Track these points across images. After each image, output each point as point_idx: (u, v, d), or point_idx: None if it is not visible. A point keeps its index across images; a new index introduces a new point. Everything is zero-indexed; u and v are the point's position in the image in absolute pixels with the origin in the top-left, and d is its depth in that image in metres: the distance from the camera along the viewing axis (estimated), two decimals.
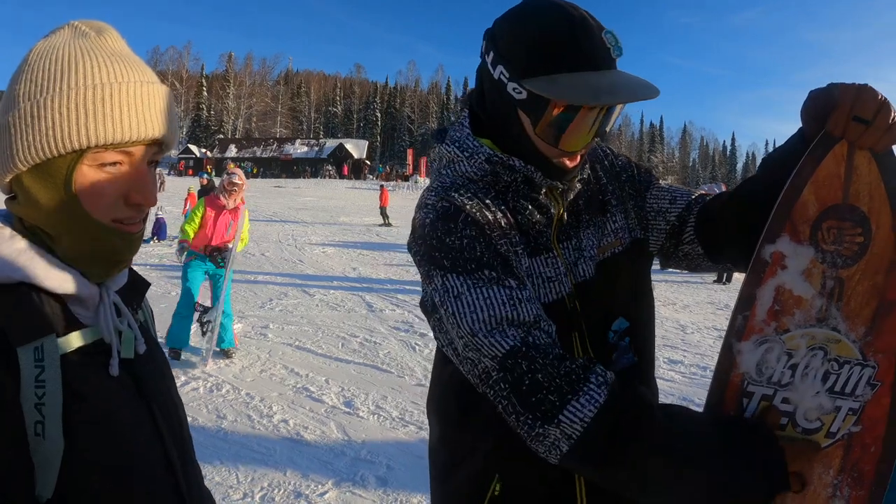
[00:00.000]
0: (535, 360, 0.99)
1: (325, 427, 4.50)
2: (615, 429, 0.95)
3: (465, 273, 1.07)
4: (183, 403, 1.08)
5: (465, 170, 1.20)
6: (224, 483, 3.61)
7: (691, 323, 8.35)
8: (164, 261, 12.41)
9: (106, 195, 0.87)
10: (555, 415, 0.96)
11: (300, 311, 8.34)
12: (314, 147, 75.05)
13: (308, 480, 3.70)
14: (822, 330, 1.00)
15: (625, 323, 1.24)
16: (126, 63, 0.89)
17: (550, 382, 0.98)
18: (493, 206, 1.15)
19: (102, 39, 0.91)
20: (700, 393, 5.44)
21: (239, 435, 4.33)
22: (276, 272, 11.35)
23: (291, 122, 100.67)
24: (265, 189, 35.71)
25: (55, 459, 0.77)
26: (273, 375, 5.59)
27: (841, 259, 1.00)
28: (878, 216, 0.99)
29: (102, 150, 0.85)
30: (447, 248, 1.09)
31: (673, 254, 1.33)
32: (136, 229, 0.92)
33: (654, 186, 1.35)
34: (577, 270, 1.22)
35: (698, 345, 7.25)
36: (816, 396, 1.01)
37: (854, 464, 1.03)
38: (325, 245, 14.95)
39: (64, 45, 0.88)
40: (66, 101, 0.84)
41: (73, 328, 0.86)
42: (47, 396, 0.78)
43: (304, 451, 4.11)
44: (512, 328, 1.03)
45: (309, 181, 52.19)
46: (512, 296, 1.05)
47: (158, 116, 0.90)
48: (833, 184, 0.99)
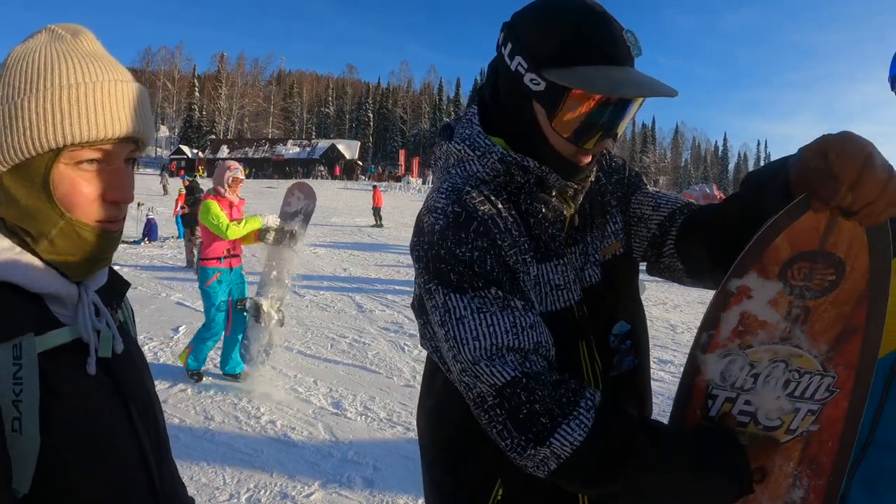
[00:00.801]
0: (535, 391, 0.99)
1: (312, 428, 4.49)
2: (604, 452, 0.97)
3: (471, 290, 1.04)
4: (160, 402, 1.10)
5: (477, 170, 1.15)
6: (210, 484, 3.60)
7: (682, 323, 8.37)
8: (155, 262, 12.37)
9: (84, 194, 0.88)
10: (546, 437, 0.97)
11: (290, 311, 8.25)
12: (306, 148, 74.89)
13: (295, 482, 3.68)
14: (784, 347, 1.02)
15: (626, 326, 1.23)
16: (100, 63, 0.91)
17: (544, 408, 0.98)
18: (505, 210, 1.11)
19: (78, 41, 0.93)
20: None
21: (226, 436, 4.31)
22: None
23: (283, 123, 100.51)
24: (257, 190, 35.59)
25: (32, 455, 0.79)
26: (261, 376, 5.54)
27: (809, 292, 0.99)
28: (853, 260, 0.97)
29: (78, 148, 0.87)
30: (456, 261, 1.05)
31: (656, 264, 1.31)
32: (117, 227, 0.94)
33: (639, 191, 1.32)
34: (585, 275, 1.20)
35: (688, 344, 7.20)
36: (777, 400, 1.04)
37: (812, 457, 1.07)
38: (315, 246, 14.91)
39: (40, 49, 0.90)
40: (43, 101, 0.86)
41: (51, 327, 0.87)
42: (24, 393, 0.79)
43: (291, 452, 4.09)
44: (511, 353, 1.01)
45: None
46: (515, 323, 1.03)
47: (132, 114, 0.92)
48: (810, 235, 0.95)
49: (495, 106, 1.19)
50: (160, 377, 5.39)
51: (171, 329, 7.18)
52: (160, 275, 10.90)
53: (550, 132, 1.10)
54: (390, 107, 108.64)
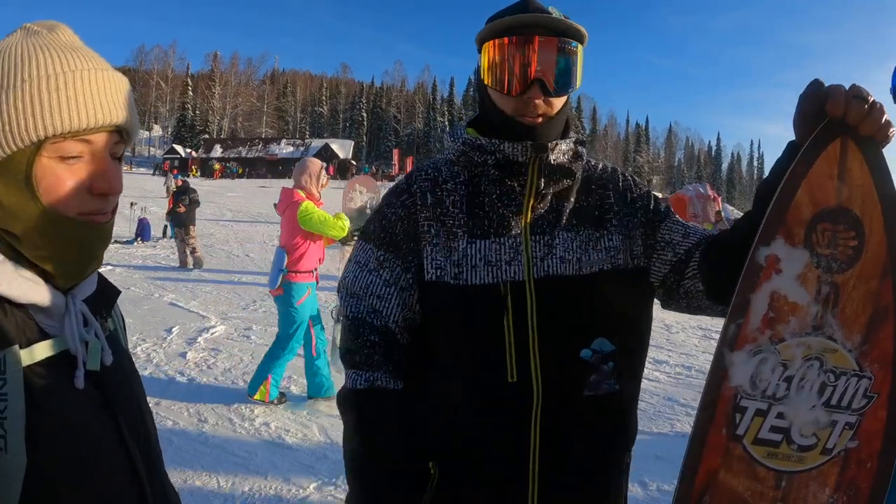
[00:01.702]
0: (360, 335, 1.29)
1: (307, 430, 4.46)
2: (347, 410, 1.28)
3: (370, 243, 1.33)
4: (152, 414, 1.06)
5: (449, 154, 1.34)
6: (204, 487, 3.56)
7: (676, 322, 8.37)
8: (148, 262, 12.30)
9: (68, 188, 0.84)
10: (347, 367, 1.30)
11: None
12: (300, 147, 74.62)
13: (290, 485, 3.65)
14: (817, 339, 0.98)
15: (608, 345, 1.22)
16: (79, 54, 0.88)
17: (357, 349, 1.28)
18: (453, 187, 1.29)
19: (54, 35, 0.89)
20: (684, 393, 5.47)
21: (220, 439, 4.27)
22: (260, 273, 11.26)
23: (277, 122, 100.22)
24: (251, 189, 35.48)
25: (18, 474, 0.75)
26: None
27: (836, 263, 0.98)
28: (870, 220, 0.98)
29: (61, 140, 0.83)
30: (379, 216, 1.34)
31: (675, 290, 1.30)
32: (105, 219, 0.90)
33: (669, 219, 1.34)
34: (543, 265, 1.22)
35: (683, 344, 7.27)
36: (812, 410, 0.98)
37: (850, 481, 1.00)
38: None
39: (16, 45, 0.86)
40: (21, 94, 0.82)
41: (37, 339, 0.83)
42: (9, 410, 0.75)
43: (286, 454, 4.06)
44: (354, 298, 1.33)
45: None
46: (369, 284, 1.30)
47: (116, 103, 0.88)
48: (826, 185, 0.97)
49: (480, 106, 1.36)
50: (153, 379, 5.36)
51: (164, 330, 7.13)
52: (153, 275, 10.84)
53: (492, 92, 1.26)
54: (384, 106, 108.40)
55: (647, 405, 5.15)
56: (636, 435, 1.36)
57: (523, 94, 1.21)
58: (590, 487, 1.27)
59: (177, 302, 8.73)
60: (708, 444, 1.00)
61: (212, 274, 11.14)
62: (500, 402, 1.20)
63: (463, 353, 1.23)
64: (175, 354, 6.22)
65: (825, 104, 0.97)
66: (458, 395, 1.24)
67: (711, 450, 1.00)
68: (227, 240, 15.41)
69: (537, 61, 1.19)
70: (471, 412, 1.23)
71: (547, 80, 1.20)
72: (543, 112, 1.23)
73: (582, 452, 1.23)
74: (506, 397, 1.20)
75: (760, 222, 1.03)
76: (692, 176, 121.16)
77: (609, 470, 1.30)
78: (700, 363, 6.45)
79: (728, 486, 1.01)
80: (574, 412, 1.21)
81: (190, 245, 11.88)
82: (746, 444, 1.00)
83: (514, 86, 1.21)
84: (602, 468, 1.28)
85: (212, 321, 7.65)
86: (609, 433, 1.27)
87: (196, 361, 5.99)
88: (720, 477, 1.01)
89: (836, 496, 1.00)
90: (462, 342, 1.23)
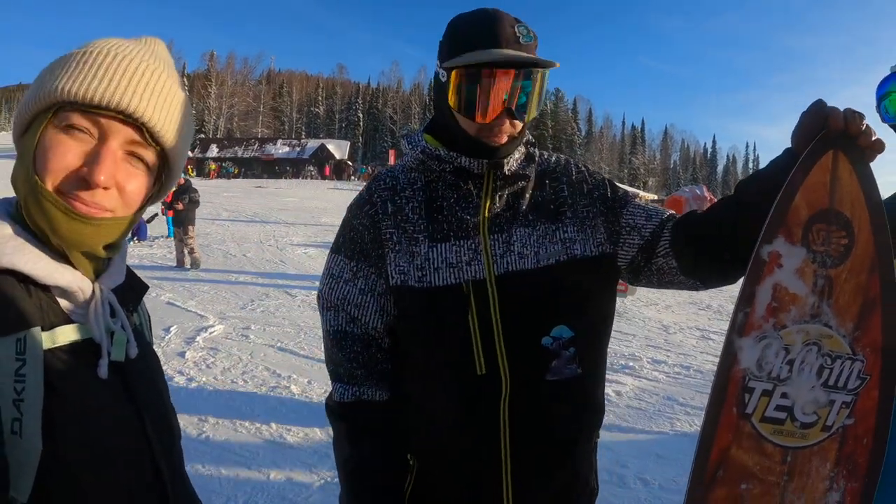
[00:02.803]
0: (344, 348, 1.33)
1: (308, 429, 4.45)
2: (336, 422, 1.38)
3: (341, 255, 1.36)
4: (175, 413, 1.03)
5: (407, 161, 1.38)
6: (206, 488, 3.54)
7: (674, 323, 8.40)
8: (145, 261, 12.27)
9: (54, 158, 0.81)
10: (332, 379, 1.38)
11: (282, 312, 8.27)
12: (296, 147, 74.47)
13: (292, 484, 3.65)
14: (815, 326, 1.09)
15: (568, 332, 1.27)
16: (137, 43, 0.87)
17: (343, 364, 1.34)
18: (412, 193, 1.33)
19: (146, 42, 0.91)
20: (684, 392, 5.48)
21: (221, 438, 4.27)
22: (257, 273, 11.26)
23: (273, 123, 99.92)
24: (246, 189, 35.36)
25: (33, 460, 0.73)
26: (255, 377, 5.53)
27: (829, 259, 1.10)
28: (859, 221, 1.10)
29: (71, 110, 0.81)
30: (347, 228, 1.37)
31: (644, 268, 1.36)
32: (87, 212, 0.83)
33: (630, 204, 1.40)
34: (503, 262, 1.27)
35: (681, 344, 7.29)
36: (812, 390, 1.09)
37: (848, 456, 1.10)
38: (307, 246, 14.84)
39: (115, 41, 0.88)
40: (62, 61, 0.82)
41: (60, 323, 0.81)
42: (27, 392, 0.73)
43: (287, 454, 4.06)
44: (332, 311, 1.35)
45: (291, 182, 51.84)
46: (346, 294, 1.33)
47: (144, 93, 0.85)
48: (820, 191, 1.10)
49: (436, 111, 1.39)
50: None
51: (163, 329, 7.10)
52: (150, 274, 10.79)
53: (457, 115, 1.27)
54: (380, 107, 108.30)
55: (646, 404, 5.16)
56: (603, 414, 1.43)
57: (493, 122, 1.24)
58: (560, 468, 1.33)
59: (174, 301, 8.70)
60: (721, 423, 1.11)
61: (209, 273, 11.11)
62: (472, 395, 1.26)
63: (433, 351, 1.29)
64: (174, 354, 6.21)
65: (827, 119, 1.09)
66: (431, 391, 1.31)
67: (724, 428, 1.11)
68: (223, 239, 15.36)
69: (509, 93, 1.22)
70: (443, 406, 1.30)
71: (514, 108, 1.24)
72: (509, 133, 1.28)
73: (550, 434, 1.30)
74: (476, 390, 1.26)
75: (747, 209, 1.16)
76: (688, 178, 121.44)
77: (578, 450, 1.36)
78: (698, 363, 6.46)
79: (739, 462, 1.11)
80: (539, 397, 1.27)
81: (188, 245, 11.83)
82: (755, 421, 1.10)
83: (486, 114, 1.24)
84: (571, 448, 1.34)
85: (210, 321, 7.64)
86: (575, 415, 1.33)
87: (195, 361, 5.98)
88: (732, 453, 1.11)
89: (836, 470, 1.11)
90: (431, 341, 1.29)
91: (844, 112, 1.10)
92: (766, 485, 1.11)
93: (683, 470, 3.96)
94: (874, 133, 1.11)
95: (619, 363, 6.29)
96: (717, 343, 7.37)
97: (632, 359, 6.49)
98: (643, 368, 6.21)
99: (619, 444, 4.30)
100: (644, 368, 6.20)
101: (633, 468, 3.98)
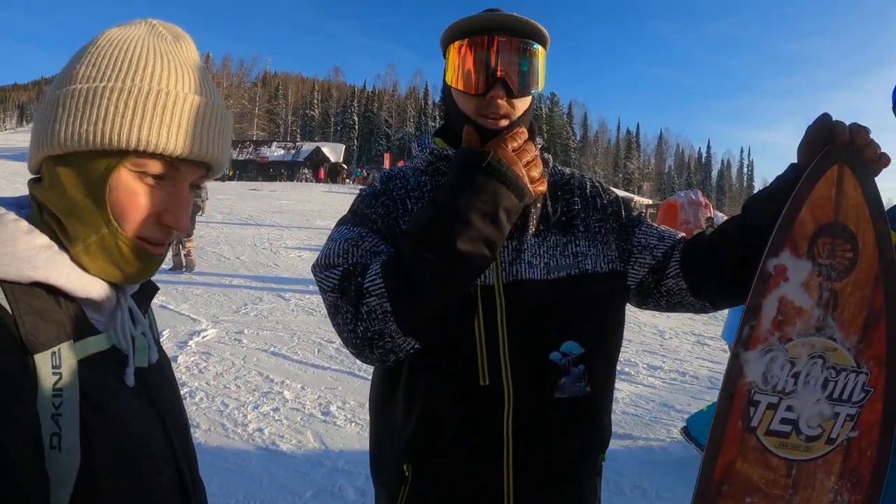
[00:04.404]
0: (354, 280, 1.14)
1: (301, 436, 4.40)
2: (395, 261, 1.11)
3: (347, 224, 1.27)
4: (185, 410, 1.04)
5: (418, 163, 1.35)
6: None
7: (669, 329, 8.39)
8: None
9: (138, 207, 0.82)
10: (362, 290, 1.11)
11: (275, 315, 8.21)
12: (291, 150, 74.44)
13: (285, 492, 3.60)
14: (820, 339, 1.10)
15: (577, 348, 1.24)
16: (196, 76, 0.86)
17: (355, 279, 1.14)
18: (420, 195, 1.30)
19: (178, 46, 0.87)
20: (679, 398, 5.45)
21: (212, 445, 4.20)
22: (251, 276, 11.20)
23: (268, 125, 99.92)
24: (241, 192, 35.25)
25: (71, 474, 0.72)
26: (248, 382, 5.47)
27: (834, 272, 1.11)
28: (863, 235, 1.12)
29: (149, 157, 0.81)
30: (354, 215, 1.29)
31: (653, 289, 1.35)
32: (160, 251, 0.87)
33: (643, 224, 1.39)
34: (512, 269, 1.24)
35: (677, 350, 7.27)
36: (817, 403, 1.10)
37: (852, 469, 1.11)
38: (301, 249, 14.78)
39: (138, 40, 0.84)
40: (127, 96, 0.79)
41: (87, 333, 0.80)
42: (64, 406, 0.73)
43: (280, 461, 4.00)
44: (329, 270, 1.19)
45: (285, 184, 51.70)
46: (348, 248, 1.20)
47: (216, 139, 0.87)
48: (826, 205, 1.12)
49: (444, 115, 1.39)
50: None
51: None
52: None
53: (456, 94, 1.28)
54: (375, 110, 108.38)
55: (642, 411, 5.13)
56: (610, 436, 1.39)
57: (486, 94, 1.23)
58: (564, 490, 1.28)
59: (167, 305, 8.63)
60: (726, 437, 1.10)
61: (203, 276, 11.04)
62: (473, 405, 1.22)
63: (436, 356, 1.23)
64: None
65: (832, 132, 1.11)
66: (431, 399, 1.25)
67: (729, 441, 1.10)
68: (217, 242, 15.30)
69: (500, 61, 1.22)
70: (444, 416, 1.24)
71: (510, 80, 1.23)
72: (506, 113, 1.24)
73: (555, 455, 1.26)
74: (478, 401, 1.21)
75: (754, 230, 1.17)
76: (682, 183, 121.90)
77: (583, 472, 1.31)
78: (694, 369, 6.44)
79: (744, 475, 1.11)
80: (545, 415, 1.23)
81: (186, 248, 11.73)
82: (760, 435, 1.10)
83: (478, 84, 1.23)
84: (576, 470, 1.29)
85: (203, 324, 7.56)
86: (582, 435, 1.29)
87: (187, 365, 5.92)
88: (737, 466, 1.10)
89: (840, 483, 1.11)
90: (434, 345, 1.22)
91: (850, 126, 1.11)
92: (771, 498, 1.12)
93: (680, 477, 3.95)
94: (879, 147, 1.12)
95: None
96: (712, 349, 7.36)
97: (627, 364, 6.45)
98: (639, 374, 6.18)
99: (616, 452, 4.27)
100: (640, 374, 6.17)
101: (630, 476, 3.94)
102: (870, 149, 1.11)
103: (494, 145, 1.17)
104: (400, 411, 1.29)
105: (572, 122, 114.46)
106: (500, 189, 1.11)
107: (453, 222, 1.08)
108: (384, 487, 1.37)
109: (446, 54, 1.29)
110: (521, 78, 1.24)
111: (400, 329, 1.11)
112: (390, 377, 1.32)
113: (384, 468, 1.37)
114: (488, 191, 1.10)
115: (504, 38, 1.22)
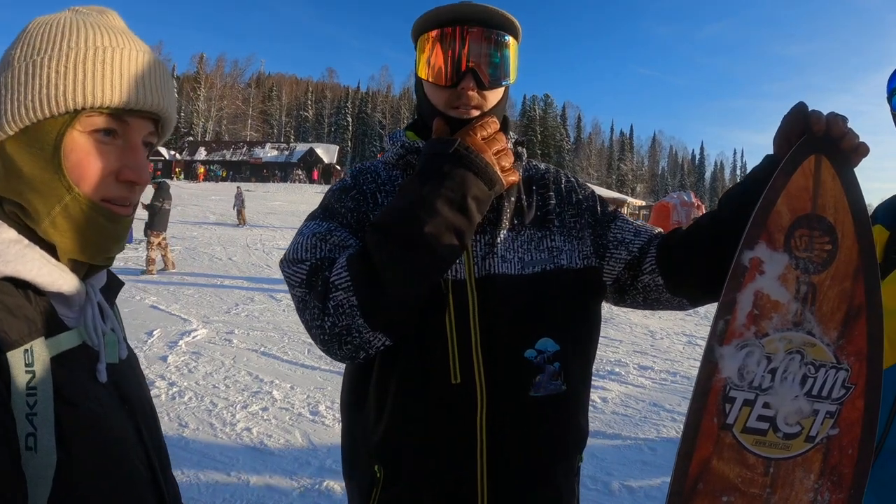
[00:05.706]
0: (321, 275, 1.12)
1: (289, 435, 4.38)
2: (363, 255, 1.09)
3: (316, 219, 1.24)
4: (155, 409, 1.02)
5: (388, 157, 1.34)
6: (185, 494, 3.42)
7: (660, 329, 8.40)
8: (130, 264, 12.13)
9: (95, 167, 0.80)
10: (328, 285, 1.10)
11: (266, 316, 8.20)
12: (284, 151, 74.26)
13: (272, 491, 3.58)
14: (798, 334, 1.07)
15: (553, 345, 1.21)
16: (126, 35, 0.86)
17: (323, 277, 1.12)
18: (392, 189, 1.28)
19: (103, 17, 0.88)
20: (670, 398, 5.46)
21: (201, 444, 4.19)
22: (242, 277, 11.18)
23: (262, 126, 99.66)
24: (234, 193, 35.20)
25: (48, 474, 0.70)
26: (237, 382, 5.46)
27: (812, 265, 1.08)
28: (842, 227, 1.08)
29: (97, 114, 0.80)
30: (323, 210, 1.27)
31: (630, 286, 1.32)
32: (126, 213, 0.85)
33: (618, 219, 1.37)
34: (484, 264, 1.21)
35: (668, 350, 7.28)
36: (795, 400, 1.06)
37: (833, 467, 1.08)
38: None
39: (66, 18, 0.85)
40: (65, 59, 0.79)
41: (58, 330, 0.79)
42: (38, 405, 0.71)
43: (267, 460, 3.99)
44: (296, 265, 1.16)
45: (279, 185, 51.64)
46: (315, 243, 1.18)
47: (159, 88, 0.86)
48: (803, 196, 1.08)
49: (417, 108, 1.37)
50: None
51: (145, 333, 7.02)
52: (134, 277, 10.68)
53: (426, 86, 1.27)
54: (369, 111, 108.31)
55: (632, 411, 5.14)
56: (587, 436, 1.35)
57: (457, 86, 1.21)
58: (540, 491, 1.24)
59: (158, 305, 8.61)
60: (700, 434, 1.07)
61: (194, 277, 11.01)
62: (445, 404, 1.18)
63: (406, 354, 1.20)
64: (156, 358, 6.12)
65: (809, 121, 1.07)
66: (403, 398, 1.21)
67: (704, 439, 1.07)
68: (209, 243, 15.27)
69: (470, 52, 1.20)
70: (416, 416, 1.21)
71: (481, 71, 1.21)
72: (477, 104, 1.22)
73: (531, 455, 1.21)
74: (450, 400, 1.18)
75: (729, 224, 1.14)
76: (676, 184, 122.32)
77: (560, 473, 1.27)
78: (685, 369, 6.45)
79: (720, 473, 1.08)
80: (520, 414, 1.20)
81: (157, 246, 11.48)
82: (736, 432, 1.07)
83: (448, 76, 1.21)
84: (552, 471, 1.25)
85: (193, 325, 7.55)
86: (558, 435, 1.25)
87: (177, 365, 5.89)
88: (713, 464, 1.08)
89: (821, 481, 1.08)
90: (405, 343, 1.19)
91: (827, 115, 1.07)
92: (749, 497, 1.08)
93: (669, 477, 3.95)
94: (857, 136, 1.08)
95: (605, 369, 6.27)
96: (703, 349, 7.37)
97: (618, 364, 6.46)
98: (629, 374, 6.18)
99: (605, 451, 4.27)
100: (630, 374, 6.17)
101: (619, 475, 3.94)
102: (847, 138, 1.07)
103: (463, 134, 1.16)
104: (371, 410, 1.25)
105: (566, 123, 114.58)
106: (468, 176, 1.10)
107: (418, 210, 1.07)
108: (356, 489, 1.33)
109: (417, 46, 1.27)
110: (493, 69, 1.22)
111: (367, 324, 1.08)
112: (361, 375, 1.28)
113: (356, 469, 1.32)
114: (455, 178, 1.09)
115: (475, 28, 1.20)
